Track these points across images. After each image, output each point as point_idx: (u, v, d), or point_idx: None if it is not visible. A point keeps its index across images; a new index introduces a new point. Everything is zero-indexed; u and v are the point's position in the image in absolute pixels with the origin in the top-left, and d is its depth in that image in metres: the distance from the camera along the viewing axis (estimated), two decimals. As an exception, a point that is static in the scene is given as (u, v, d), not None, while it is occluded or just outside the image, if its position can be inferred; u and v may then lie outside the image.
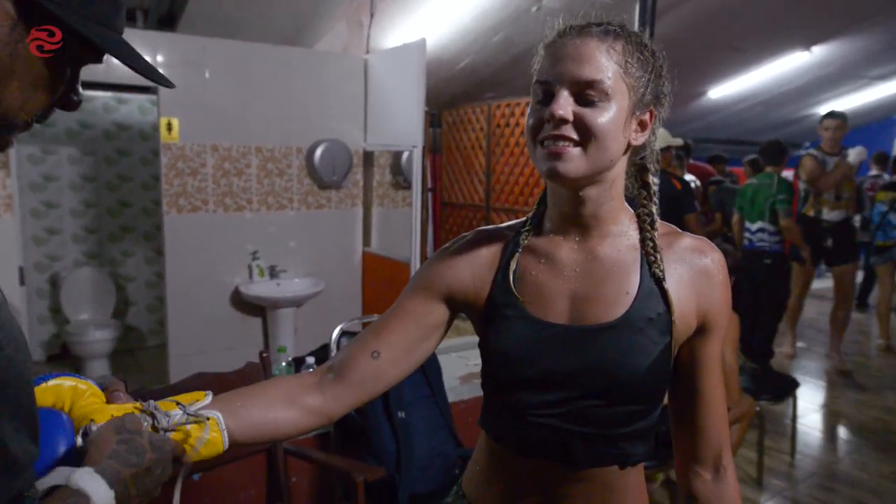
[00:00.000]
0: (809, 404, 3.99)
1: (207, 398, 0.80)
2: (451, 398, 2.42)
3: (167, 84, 0.70)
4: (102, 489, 0.60)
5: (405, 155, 3.90)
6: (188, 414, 0.76)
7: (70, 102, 0.64)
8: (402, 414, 2.06)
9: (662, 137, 4.01)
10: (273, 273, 3.58)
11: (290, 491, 2.14)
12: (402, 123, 3.41)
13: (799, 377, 3.92)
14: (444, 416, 2.20)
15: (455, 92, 5.33)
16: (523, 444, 0.92)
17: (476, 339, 0.98)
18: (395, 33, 4.00)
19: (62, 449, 0.67)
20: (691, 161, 5.53)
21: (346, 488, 1.86)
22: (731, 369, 2.59)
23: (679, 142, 4.24)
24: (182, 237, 3.31)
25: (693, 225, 3.87)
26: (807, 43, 5.37)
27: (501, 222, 1.03)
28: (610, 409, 0.87)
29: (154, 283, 4.62)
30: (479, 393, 0.99)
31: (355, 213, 3.90)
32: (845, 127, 4.43)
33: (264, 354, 2.02)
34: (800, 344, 5.21)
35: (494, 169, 5.12)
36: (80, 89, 0.65)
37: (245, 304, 3.54)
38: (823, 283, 6.47)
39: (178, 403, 0.77)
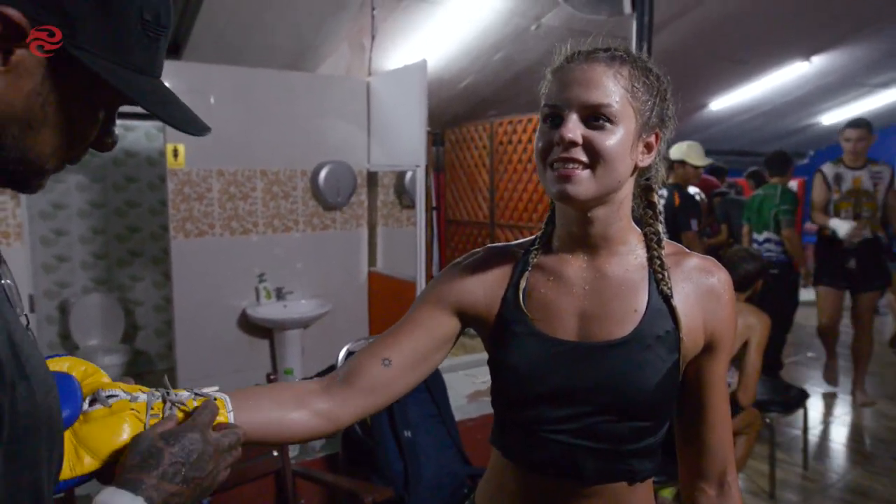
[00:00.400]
0: (820, 415, 3.95)
1: (215, 388, 0.83)
2: (458, 416, 2.42)
3: (197, 132, 0.67)
4: (128, 500, 0.62)
5: (409, 174, 3.93)
6: (196, 393, 0.78)
7: (104, 145, 0.65)
8: (408, 433, 2.06)
9: (676, 150, 3.95)
10: (280, 295, 3.60)
11: (299, 513, 2.14)
12: (404, 143, 3.44)
13: (809, 388, 3.89)
14: (452, 435, 2.20)
15: (457, 111, 5.38)
16: (534, 461, 0.93)
17: (483, 356, 1.00)
18: (397, 55, 4.05)
19: (67, 414, 0.68)
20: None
21: (355, 509, 1.86)
22: (755, 369, 2.60)
23: (707, 161, 4.09)
24: (189, 261, 3.35)
25: (688, 242, 3.76)
26: (806, 53, 5.39)
27: (506, 238, 1.06)
28: (619, 425, 0.89)
29: (162, 308, 4.65)
30: (488, 411, 1.01)
31: (360, 234, 3.93)
32: (870, 137, 3.98)
33: (272, 377, 2.04)
34: (809, 354, 5.17)
35: (498, 186, 5.15)
36: (115, 131, 0.65)
37: (252, 327, 3.56)
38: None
39: (186, 388, 0.80)
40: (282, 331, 3.54)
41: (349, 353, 2.25)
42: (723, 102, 6.37)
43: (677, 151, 4.00)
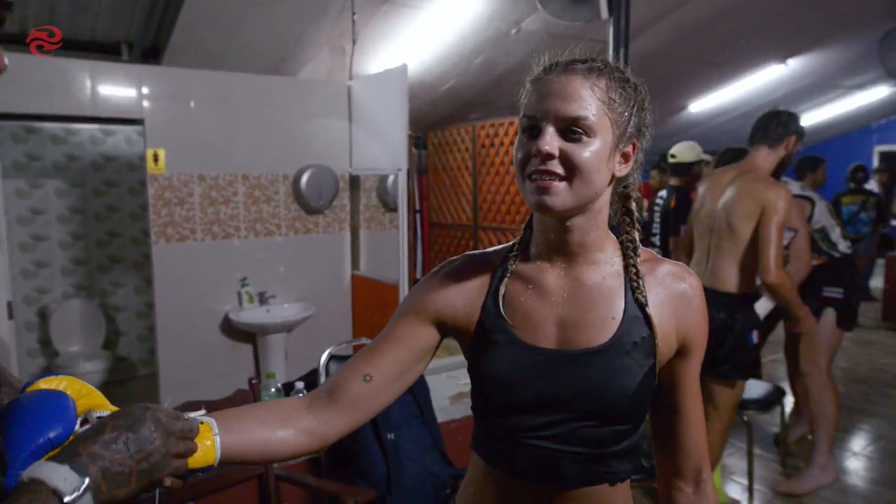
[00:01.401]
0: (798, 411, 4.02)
1: (201, 411, 0.82)
2: (441, 418, 2.44)
3: None
4: (63, 472, 0.60)
5: (391, 178, 3.95)
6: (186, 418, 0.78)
7: None
8: (391, 435, 2.08)
9: (689, 150, 3.92)
10: (263, 299, 3.60)
11: (282, 517, 2.15)
12: (386, 147, 3.46)
13: (786, 386, 3.95)
14: (434, 437, 2.22)
15: (440, 114, 5.41)
16: (516, 466, 0.94)
17: (463, 358, 1.01)
18: (378, 59, 4.07)
19: (61, 429, 0.68)
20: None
21: (338, 512, 1.88)
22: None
23: (707, 158, 3.98)
24: (171, 266, 3.33)
25: (673, 248, 3.84)
26: (782, 56, 5.49)
27: (490, 241, 1.07)
28: (599, 429, 0.90)
29: (144, 313, 4.62)
30: (470, 412, 1.02)
31: (343, 237, 3.94)
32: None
33: (254, 381, 2.04)
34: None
35: (481, 188, 5.18)
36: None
37: (235, 331, 3.55)
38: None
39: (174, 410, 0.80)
40: (265, 335, 3.54)
41: (331, 357, 2.27)
42: (702, 105, 6.46)
43: (690, 152, 3.89)
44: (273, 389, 2.40)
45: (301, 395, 2.34)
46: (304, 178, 3.64)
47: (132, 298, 4.62)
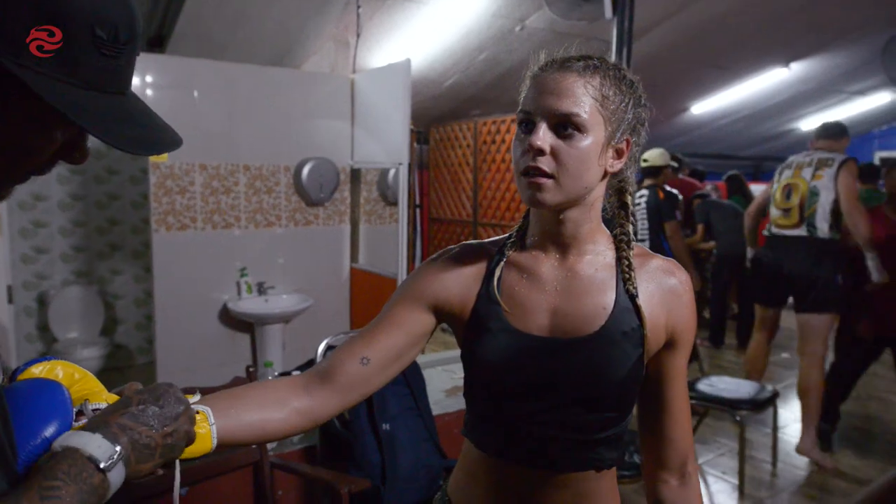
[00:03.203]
0: (790, 414, 4.04)
1: (196, 397, 0.82)
2: (436, 411, 2.46)
3: (145, 152, 0.64)
4: (97, 441, 0.61)
5: (391, 172, 3.96)
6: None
7: (72, 159, 0.64)
8: (386, 426, 2.09)
9: (661, 156, 4.15)
10: (261, 289, 3.62)
11: (276, 504, 2.17)
12: (388, 141, 3.47)
13: (780, 388, 3.98)
14: (429, 429, 2.23)
15: (442, 109, 5.42)
16: (506, 450, 0.96)
17: (459, 352, 1.03)
18: (382, 53, 4.08)
19: (57, 425, 0.66)
20: (680, 176, 5.64)
21: (332, 501, 1.89)
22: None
23: (674, 164, 4.33)
24: (171, 255, 3.35)
25: (671, 231, 4.00)
26: (785, 60, 5.50)
27: (489, 237, 1.09)
28: (588, 416, 0.93)
29: (143, 301, 4.64)
30: (464, 406, 1.04)
31: (343, 230, 3.95)
32: None
33: (251, 369, 2.06)
34: (784, 355, 5.28)
35: (481, 185, 5.20)
36: (86, 146, 0.64)
37: (233, 321, 3.57)
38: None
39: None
40: (263, 325, 3.56)
41: (329, 348, 2.28)
42: (703, 107, 6.47)
43: (661, 158, 4.14)
44: (270, 378, 2.42)
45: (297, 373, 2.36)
46: (306, 170, 3.65)
47: (131, 286, 4.63)
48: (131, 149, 0.61)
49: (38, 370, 0.73)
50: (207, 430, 0.80)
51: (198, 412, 0.80)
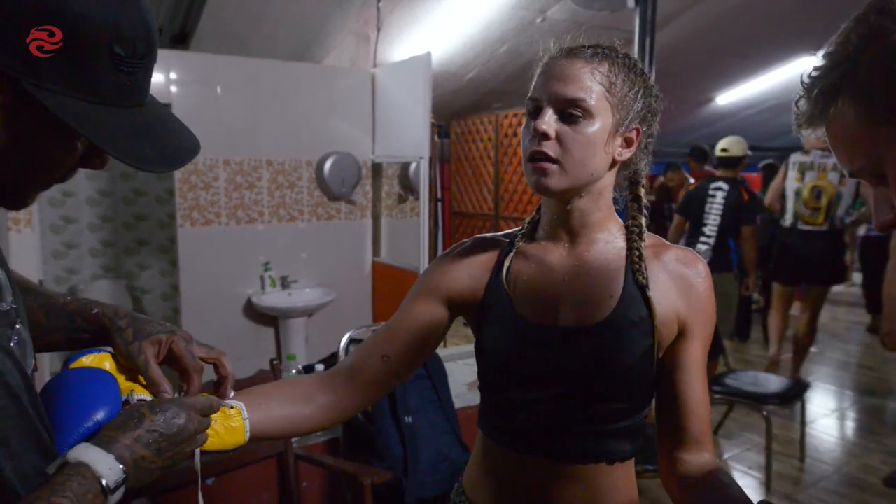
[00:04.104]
0: (819, 409, 3.98)
1: (230, 394, 0.87)
2: (458, 404, 2.46)
3: (159, 168, 0.66)
4: (108, 462, 0.63)
5: (413, 166, 3.97)
6: (217, 403, 0.82)
7: (92, 164, 0.66)
8: (409, 419, 2.11)
9: (739, 145, 4.09)
10: (284, 283, 3.65)
11: (300, 495, 2.19)
12: (409, 135, 3.48)
13: (810, 381, 3.92)
14: (451, 421, 2.24)
15: (463, 103, 5.41)
16: (516, 440, 0.97)
17: (483, 345, 1.04)
18: (402, 46, 4.08)
19: (107, 411, 0.70)
20: (706, 168, 5.55)
21: (355, 492, 1.91)
22: None
23: (749, 152, 4.25)
24: (196, 250, 3.40)
25: (749, 234, 3.94)
26: (813, 48, 5.34)
27: None
28: (597, 406, 0.93)
29: (169, 295, 4.71)
30: (484, 398, 1.05)
31: (365, 224, 3.97)
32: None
33: (275, 362, 2.08)
34: (813, 349, 5.20)
35: (503, 178, 5.18)
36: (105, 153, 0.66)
37: (257, 315, 3.61)
38: (841, 288, 6.46)
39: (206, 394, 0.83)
40: (286, 319, 3.60)
41: (351, 341, 2.30)
42: (729, 97, 6.36)
43: (740, 147, 4.08)
44: (294, 371, 2.45)
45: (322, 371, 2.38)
46: (328, 165, 3.67)
47: (157, 280, 4.70)
48: (151, 167, 0.64)
49: (87, 360, 0.78)
50: (241, 423, 0.84)
51: (232, 407, 0.84)
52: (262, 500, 2.18)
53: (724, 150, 4.15)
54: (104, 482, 0.62)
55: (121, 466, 0.64)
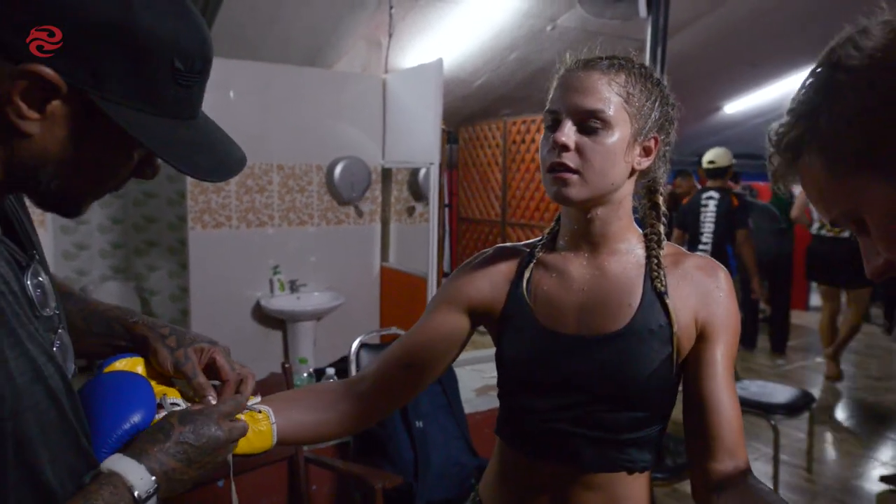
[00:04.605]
0: (826, 418, 3.97)
1: (257, 398, 0.88)
2: (467, 410, 2.47)
3: (218, 178, 0.69)
4: (140, 473, 0.65)
5: (422, 171, 3.98)
6: (246, 407, 0.84)
7: (144, 174, 0.68)
8: (419, 423, 2.12)
9: (726, 156, 4.31)
10: (293, 287, 3.67)
11: (310, 498, 2.20)
12: (419, 141, 3.49)
13: (815, 392, 3.91)
14: (461, 427, 2.25)
15: (472, 109, 5.42)
16: (535, 448, 0.97)
17: (491, 352, 1.05)
18: (414, 53, 4.10)
19: (143, 413, 0.72)
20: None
21: (365, 496, 1.92)
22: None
23: (734, 161, 4.47)
24: (206, 252, 3.41)
25: (743, 239, 4.10)
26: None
27: (517, 237, 1.11)
28: (616, 414, 0.93)
29: (178, 297, 4.73)
30: (495, 405, 1.06)
31: (374, 229, 3.98)
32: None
33: (286, 365, 2.09)
34: (818, 359, 5.18)
35: (510, 185, 5.19)
36: (157, 162, 0.68)
37: (266, 318, 3.62)
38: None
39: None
40: (295, 322, 3.61)
41: (362, 346, 2.31)
42: (737, 106, 6.37)
43: (726, 158, 4.31)
44: (305, 374, 2.46)
45: (332, 380, 2.40)
46: (338, 170, 3.69)
47: (166, 282, 4.73)
48: (208, 177, 0.67)
49: (121, 364, 0.79)
50: (269, 427, 0.86)
51: (260, 411, 0.85)
52: (272, 502, 2.18)
53: (710, 161, 4.39)
54: (136, 493, 0.63)
55: (152, 478, 0.65)
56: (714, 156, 4.36)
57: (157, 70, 0.60)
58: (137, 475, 0.64)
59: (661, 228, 0.99)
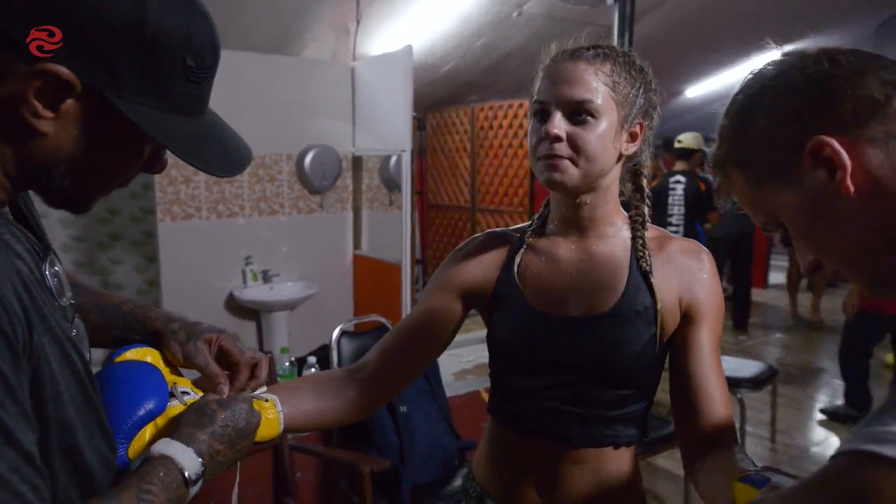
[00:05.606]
0: (787, 391, 4.14)
1: (263, 388, 0.90)
2: (447, 394, 2.50)
3: (230, 173, 0.71)
4: (190, 456, 0.67)
5: (393, 159, 3.98)
6: (252, 396, 0.85)
7: (152, 169, 0.69)
8: (403, 408, 2.14)
9: (694, 140, 4.45)
10: (266, 277, 3.64)
11: (295, 486, 2.21)
12: (390, 128, 3.49)
13: (776, 366, 4.06)
14: (443, 410, 2.29)
15: (440, 95, 5.42)
16: (525, 425, 1.01)
17: (467, 336, 1.10)
18: (381, 39, 4.07)
19: (156, 401, 0.74)
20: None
21: (352, 480, 1.94)
22: None
23: (706, 149, 4.60)
24: (176, 244, 3.36)
25: (717, 220, 4.34)
26: (779, 42, 5.53)
27: (487, 223, 1.15)
28: (603, 392, 0.97)
29: (144, 291, 4.64)
30: (473, 388, 1.10)
31: (345, 217, 3.97)
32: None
33: (269, 353, 2.09)
34: (778, 335, 5.38)
35: (479, 170, 5.22)
36: (165, 157, 0.69)
37: (239, 309, 3.59)
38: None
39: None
40: (268, 313, 3.59)
41: (342, 333, 2.32)
42: (698, 90, 6.51)
43: (695, 141, 4.46)
44: (287, 363, 2.46)
45: (314, 368, 2.40)
46: (308, 159, 3.66)
47: (133, 276, 4.63)
48: (219, 172, 0.68)
49: (131, 354, 0.80)
50: (276, 415, 0.87)
51: (267, 400, 0.87)
52: (257, 492, 2.19)
53: (679, 141, 4.57)
54: (187, 474, 0.66)
55: (200, 460, 0.68)
56: (683, 137, 4.54)
57: (170, 68, 0.61)
58: (188, 458, 0.67)
59: (646, 210, 1.03)
